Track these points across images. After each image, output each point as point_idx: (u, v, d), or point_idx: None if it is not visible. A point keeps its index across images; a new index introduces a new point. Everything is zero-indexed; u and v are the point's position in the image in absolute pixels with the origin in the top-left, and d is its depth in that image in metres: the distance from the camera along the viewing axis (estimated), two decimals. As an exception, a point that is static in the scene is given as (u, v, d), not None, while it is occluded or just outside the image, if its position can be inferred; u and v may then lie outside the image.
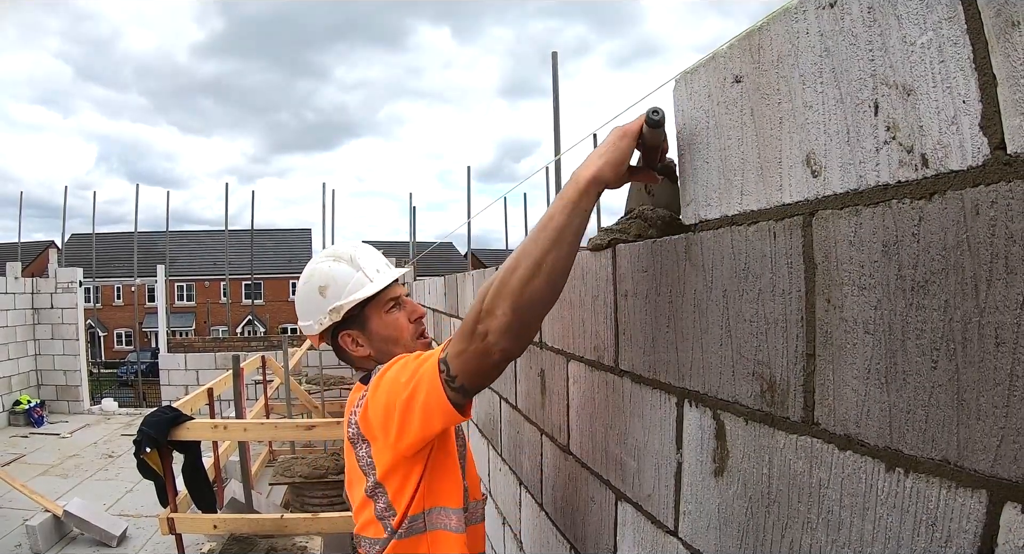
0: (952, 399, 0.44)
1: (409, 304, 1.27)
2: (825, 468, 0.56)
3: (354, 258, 1.24)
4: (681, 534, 0.83)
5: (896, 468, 0.49)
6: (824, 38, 0.57)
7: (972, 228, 0.43)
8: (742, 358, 0.68)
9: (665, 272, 0.85)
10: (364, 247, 1.29)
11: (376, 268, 1.25)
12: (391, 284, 1.25)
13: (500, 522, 2.06)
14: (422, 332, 1.27)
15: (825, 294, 0.56)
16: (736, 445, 0.70)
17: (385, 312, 1.23)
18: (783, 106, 0.62)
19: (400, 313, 1.25)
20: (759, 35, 0.66)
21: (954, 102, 0.45)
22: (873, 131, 0.52)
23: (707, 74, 0.76)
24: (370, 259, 1.26)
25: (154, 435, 3.06)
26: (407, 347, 1.22)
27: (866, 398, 0.52)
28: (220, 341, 10.91)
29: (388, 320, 1.23)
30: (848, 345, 0.54)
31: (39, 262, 18.06)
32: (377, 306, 1.23)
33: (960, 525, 0.44)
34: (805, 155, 0.59)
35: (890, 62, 0.50)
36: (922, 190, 0.47)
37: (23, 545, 4.46)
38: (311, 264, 1.29)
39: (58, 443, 7.53)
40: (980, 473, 0.42)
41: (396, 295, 1.25)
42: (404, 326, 1.24)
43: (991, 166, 0.42)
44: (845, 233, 0.54)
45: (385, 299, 1.24)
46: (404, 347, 1.21)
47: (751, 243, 0.67)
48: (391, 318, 1.23)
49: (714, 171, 0.75)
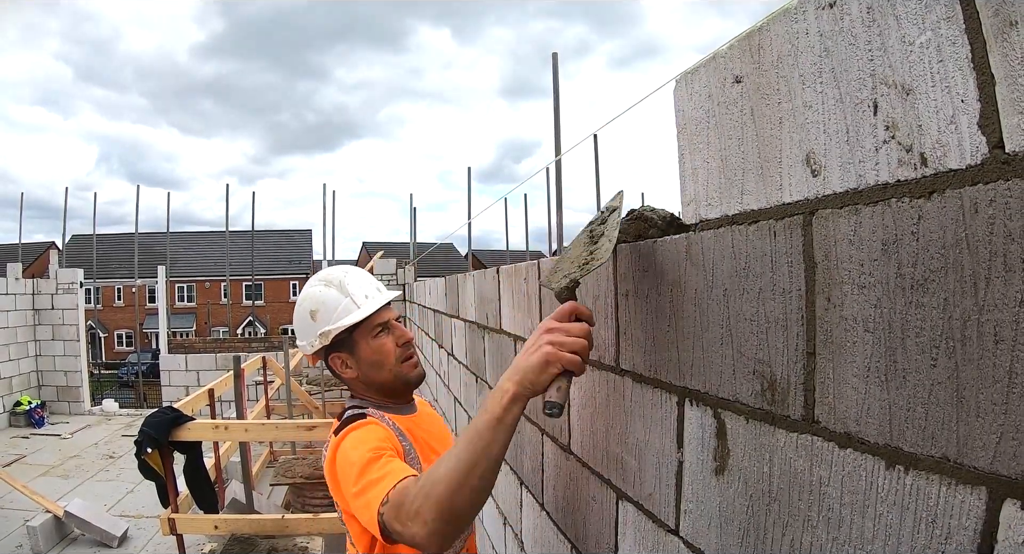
0: (952, 396, 0.45)
1: (397, 329, 1.31)
2: (825, 466, 0.57)
3: (343, 284, 1.28)
4: (682, 533, 0.83)
5: (896, 465, 0.49)
6: (824, 38, 0.57)
7: (971, 226, 0.43)
8: (742, 357, 0.69)
9: (666, 272, 0.85)
10: (355, 272, 1.33)
11: (365, 294, 1.28)
12: (380, 309, 1.28)
13: (501, 522, 2.07)
14: (409, 355, 1.31)
15: (825, 293, 0.56)
16: (737, 444, 0.71)
17: (372, 337, 1.27)
18: (783, 106, 0.63)
19: (387, 338, 1.29)
20: (759, 35, 0.66)
21: (953, 101, 0.45)
22: (872, 130, 0.52)
23: (707, 74, 0.77)
24: (359, 285, 1.29)
25: (155, 435, 3.07)
26: (391, 371, 1.27)
27: (866, 396, 0.52)
28: (221, 342, 10.92)
29: (375, 345, 1.27)
30: (848, 343, 0.54)
31: (40, 263, 18.07)
32: (365, 331, 1.27)
33: (960, 522, 0.44)
34: (805, 155, 0.60)
35: (889, 62, 0.50)
36: (921, 189, 0.47)
37: (24, 546, 4.47)
38: (305, 287, 1.34)
39: (59, 444, 7.53)
40: (980, 470, 0.43)
41: (384, 320, 1.29)
42: (390, 350, 1.28)
43: (989, 165, 0.43)
44: (845, 232, 0.54)
45: (372, 324, 1.27)
46: (389, 371, 1.27)
47: (751, 242, 0.67)
48: (378, 343, 1.27)
49: (714, 171, 0.76)
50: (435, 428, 1.40)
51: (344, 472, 1.09)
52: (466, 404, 2.81)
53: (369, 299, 1.28)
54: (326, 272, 1.34)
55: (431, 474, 0.88)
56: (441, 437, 1.38)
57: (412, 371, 1.30)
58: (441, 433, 1.41)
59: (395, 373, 1.28)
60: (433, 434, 1.35)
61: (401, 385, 1.31)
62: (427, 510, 0.85)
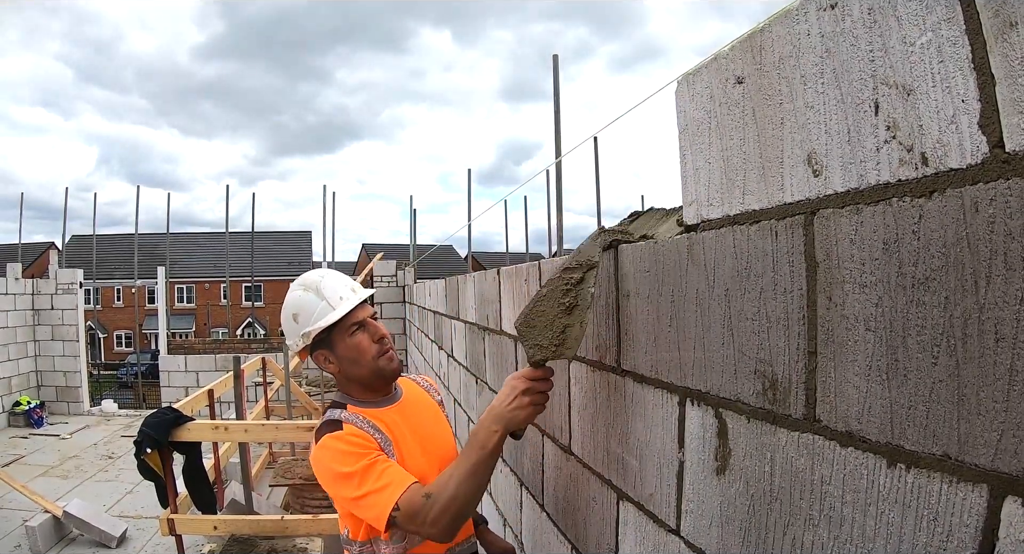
0: (953, 395, 0.45)
1: (372, 326, 1.40)
2: (827, 465, 0.57)
3: (319, 288, 1.39)
4: (683, 533, 0.83)
5: (897, 464, 0.49)
6: (825, 39, 0.57)
7: (972, 225, 0.44)
8: (744, 357, 0.69)
9: (667, 272, 0.86)
10: (331, 276, 1.44)
11: (340, 296, 1.38)
12: (355, 309, 1.38)
13: (501, 523, 2.06)
14: (385, 350, 1.40)
15: (826, 292, 0.57)
16: (738, 443, 0.71)
17: (349, 335, 1.37)
18: (785, 106, 0.63)
19: (363, 335, 1.38)
20: (761, 36, 0.66)
21: (953, 101, 0.45)
22: (873, 131, 0.52)
23: (709, 75, 0.77)
24: (334, 288, 1.39)
25: (155, 436, 3.07)
26: (368, 366, 1.38)
27: (867, 395, 0.52)
28: (220, 343, 10.91)
29: (351, 343, 1.37)
30: (849, 342, 0.54)
31: (40, 263, 18.07)
32: (341, 330, 1.37)
33: (961, 519, 0.44)
34: (806, 155, 0.60)
35: (890, 62, 0.51)
36: (922, 188, 0.48)
37: (23, 546, 4.46)
38: (288, 292, 1.46)
39: (58, 444, 7.52)
40: (981, 468, 0.43)
41: (359, 319, 1.39)
42: (366, 347, 1.38)
43: (990, 164, 0.43)
44: (846, 231, 0.54)
45: (348, 324, 1.37)
46: (366, 366, 1.38)
47: (753, 242, 0.67)
48: (354, 341, 1.37)
49: (716, 171, 0.76)
50: (420, 414, 1.47)
51: (338, 481, 1.24)
52: (466, 405, 2.81)
53: (344, 300, 1.37)
54: (304, 277, 1.46)
55: (444, 491, 1.14)
56: (423, 423, 1.46)
57: (388, 365, 1.40)
58: (425, 418, 1.48)
59: (371, 368, 1.38)
60: (416, 421, 1.44)
61: (379, 379, 1.41)
62: (446, 519, 1.14)
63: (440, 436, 1.48)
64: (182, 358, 9.56)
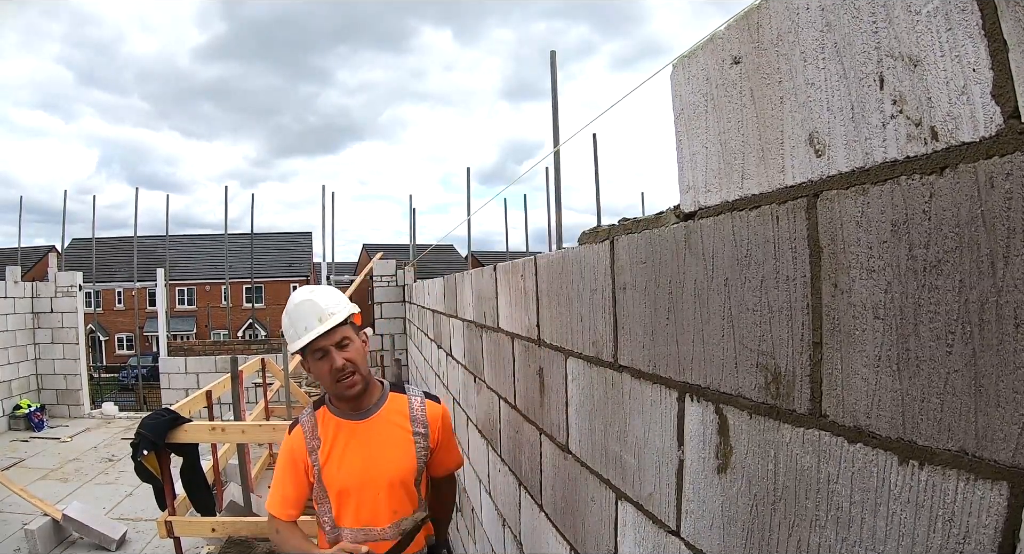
0: (969, 385, 0.42)
1: (332, 356, 1.48)
2: (834, 462, 0.54)
3: (292, 317, 1.52)
4: (683, 534, 0.80)
5: (910, 460, 0.46)
6: (825, 12, 0.54)
7: (987, 202, 0.40)
8: (745, 349, 0.66)
9: (664, 262, 0.83)
10: (304, 305, 1.52)
11: (305, 326, 1.49)
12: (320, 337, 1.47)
13: (500, 523, 2.04)
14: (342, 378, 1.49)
15: (832, 279, 0.54)
16: (740, 440, 0.68)
17: (315, 360, 1.50)
18: (784, 85, 0.60)
19: (324, 363, 1.49)
20: (758, 13, 0.63)
21: (963, 71, 0.42)
22: (879, 106, 0.49)
23: (705, 57, 0.74)
24: (304, 317, 1.50)
25: (152, 438, 3.04)
26: (329, 389, 1.54)
27: (877, 387, 0.49)
28: (221, 345, 10.89)
29: (315, 368, 1.52)
30: (857, 331, 0.51)
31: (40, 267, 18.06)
32: (309, 353, 1.50)
33: (979, 520, 0.41)
34: (808, 134, 0.57)
35: (895, 33, 0.48)
36: (932, 165, 0.45)
37: (22, 549, 4.44)
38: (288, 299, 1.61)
39: (58, 447, 7.51)
40: (1000, 464, 0.40)
41: (321, 347, 1.48)
42: (324, 374, 1.49)
43: (1005, 136, 0.40)
44: (852, 213, 0.51)
45: (313, 349, 1.49)
46: (328, 388, 1.54)
47: (753, 228, 0.64)
48: (316, 366, 1.51)
49: (713, 156, 0.73)
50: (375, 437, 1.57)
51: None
52: (464, 405, 2.79)
53: (308, 331, 1.48)
54: (295, 294, 1.58)
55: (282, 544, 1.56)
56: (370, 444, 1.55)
57: (346, 391, 1.50)
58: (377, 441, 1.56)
59: (331, 391, 1.54)
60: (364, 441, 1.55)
61: (340, 400, 1.56)
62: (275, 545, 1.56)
63: (382, 461, 1.55)
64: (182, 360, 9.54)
